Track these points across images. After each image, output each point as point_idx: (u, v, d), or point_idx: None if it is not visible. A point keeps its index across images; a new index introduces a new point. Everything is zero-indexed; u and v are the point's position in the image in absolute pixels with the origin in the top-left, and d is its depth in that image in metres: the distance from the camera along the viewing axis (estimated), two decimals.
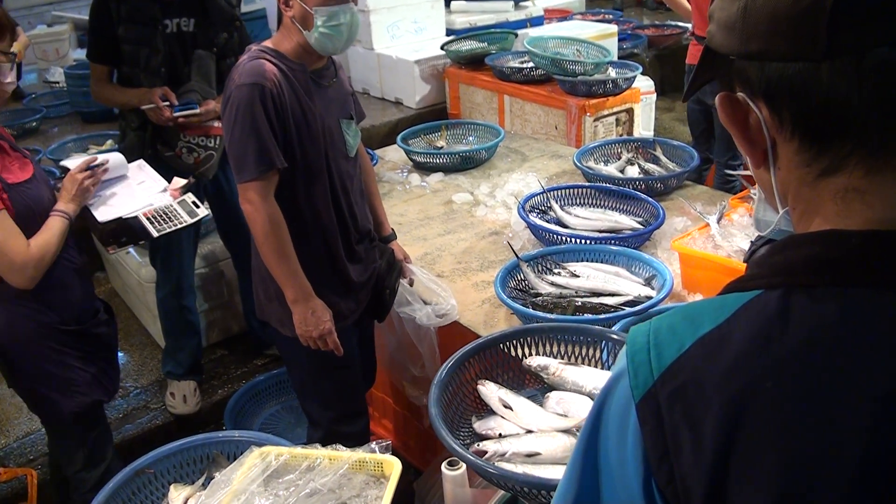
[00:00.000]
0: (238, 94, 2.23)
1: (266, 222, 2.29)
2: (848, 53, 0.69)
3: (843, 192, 0.73)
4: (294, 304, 2.38)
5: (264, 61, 2.26)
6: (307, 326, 2.39)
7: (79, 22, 7.21)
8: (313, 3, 2.27)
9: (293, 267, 2.36)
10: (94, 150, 5.03)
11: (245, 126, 2.22)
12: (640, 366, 0.75)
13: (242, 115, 2.22)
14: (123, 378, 3.76)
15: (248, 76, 2.23)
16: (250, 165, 2.24)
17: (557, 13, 7.14)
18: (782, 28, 0.71)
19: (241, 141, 2.23)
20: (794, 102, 0.73)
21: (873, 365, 0.67)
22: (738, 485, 0.68)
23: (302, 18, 2.29)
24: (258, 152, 2.23)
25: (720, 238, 2.56)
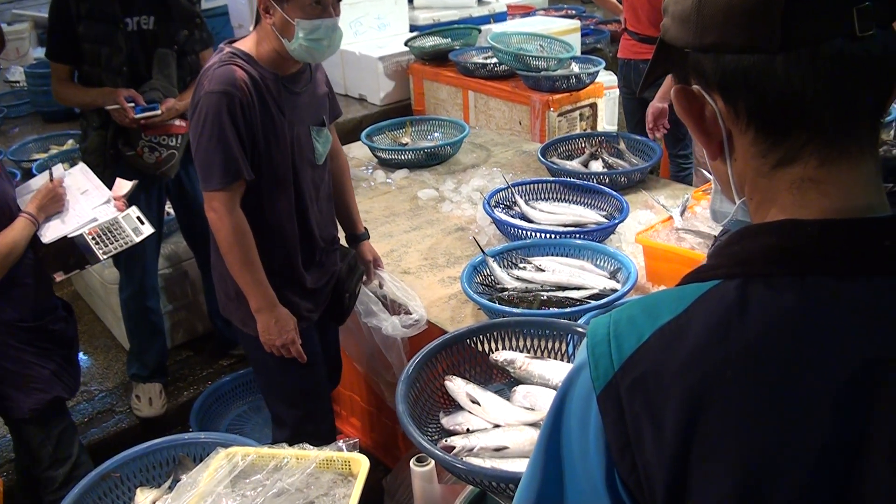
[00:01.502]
0: (207, 102, 2.17)
1: (231, 233, 2.25)
2: (802, 45, 0.70)
3: (798, 182, 0.74)
4: (258, 313, 2.36)
5: (235, 68, 2.20)
6: (270, 335, 2.38)
7: (39, 20, 7.08)
8: (296, 15, 2.20)
9: (258, 276, 2.32)
10: (55, 150, 4.97)
11: (213, 135, 2.17)
12: (600, 357, 0.76)
13: (210, 124, 2.17)
14: (88, 381, 3.72)
15: (218, 83, 2.17)
16: (217, 175, 2.20)
17: (520, 9, 7.16)
18: (737, 20, 0.72)
19: (209, 150, 2.19)
20: (749, 94, 0.74)
21: (832, 353, 0.68)
22: (699, 473, 0.69)
23: (282, 27, 2.23)
24: (225, 162, 2.19)
25: (683, 230, 2.58)
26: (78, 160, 2.97)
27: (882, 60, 0.71)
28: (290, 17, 2.20)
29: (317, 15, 2.23)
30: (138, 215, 2.66)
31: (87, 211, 2.59)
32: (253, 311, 2.36)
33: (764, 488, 0.67)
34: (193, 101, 2.24)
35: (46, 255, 2.47)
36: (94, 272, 3.86)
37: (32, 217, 2.38)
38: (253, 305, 2.35)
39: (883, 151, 1.48)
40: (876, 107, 0.74)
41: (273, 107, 2.28)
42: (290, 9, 2.20)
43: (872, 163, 0.75)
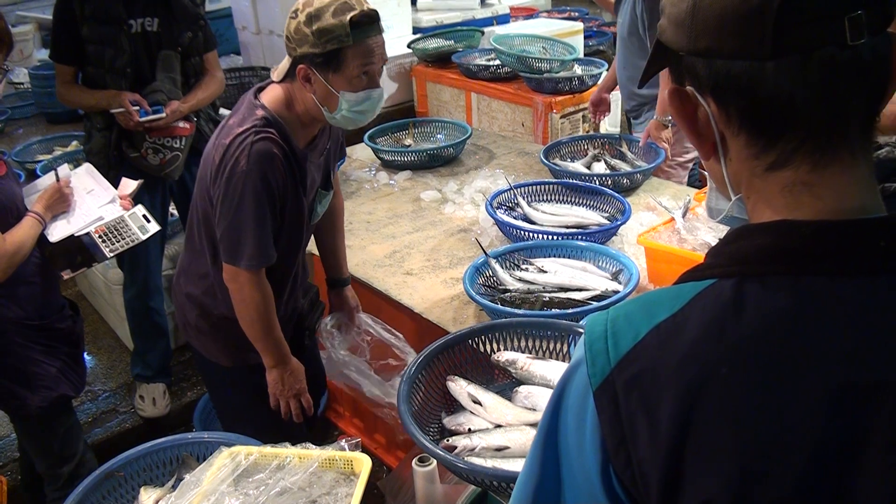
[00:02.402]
0: (244, 182, 2.07)
1: (255, 308, 2.23)
2: (793, 53, 0.71)
3: (791, 185, 0.75)
4: (272, 369, 2.35)
5: (272, 146, 2.09)
6: (283, 386, 2.37)
7: (43, 22, 7.10)
8: (340, 87, 2.08)
9: (276, 336, 2.31)
10: (59, 151, 4.98)
11: (249, 217, 2.10)
12: (597, 354, 0.77)
13: (248, 206, 2.09)
14: (92, 381, 3.73)
15: (257, 164, 2.06)
16: (247, 257, 2.15)
17: (523, 11, 7.16)
18: (730, 27, 0.73)
19: (242, 230, 2.12)
20: (740, 99, 0.75)
21: (827, 352, 0.69)
22: (693, 469, 0.70)
23: (324, 98, 2.11)
24: (258, 247, 2.14)
25: (685, 232, 2.59)
26: (82, 161, 2.98)
27: (872, 66, 0.72)
28: (334, 89, 2.09)
29: (363, 86, 2.11)
30: (144, 213, 2.67)
31: (93, 210, 2.61)
32: (267, 367, 2.35)
33: (757, 485, 0.68)
34: (227, 172, 2.09)
35: (53, 253, 2.49)
36: (98, 273, 3.88)
37: (39, 216, 2.41)
38: (268, 362, 2.34)
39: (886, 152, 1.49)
40: (867, 111, 0.75)
41: (299, 185, 2.22)
42: (335, 80, 2.08)
43: (865, 165, 0.75)
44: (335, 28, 2.01)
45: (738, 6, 0.73)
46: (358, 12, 2.03)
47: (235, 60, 6.87)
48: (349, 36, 2.02)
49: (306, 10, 2.03)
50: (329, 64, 2.06)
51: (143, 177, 2.92)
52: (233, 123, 2.15)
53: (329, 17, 2.01)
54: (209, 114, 3.42)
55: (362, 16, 2.03)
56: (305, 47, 2.05)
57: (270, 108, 2.15)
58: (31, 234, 2.37)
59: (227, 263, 2.19)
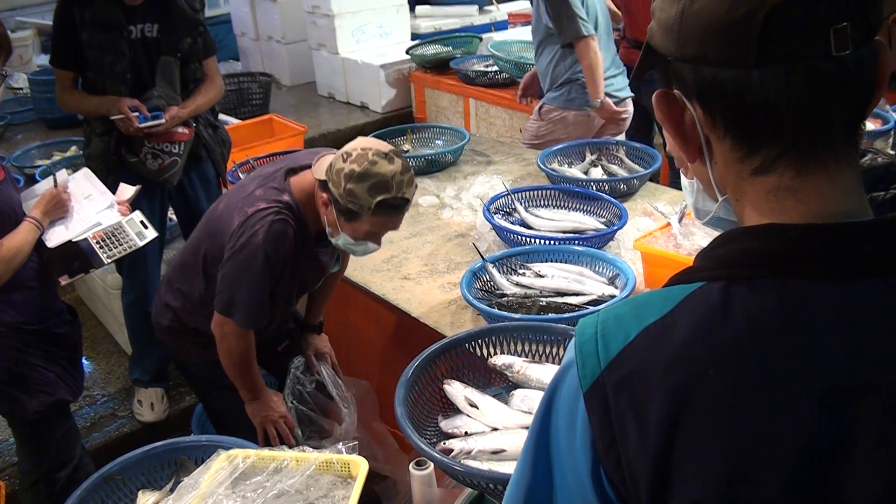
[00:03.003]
0: (256, 254, 2.24)
1: (239, 355, 2.42)
2: (778, 62, 0.72)
3: (775, 190, 0.77)
4: (249, 403, 2.54)
5: (288, 226, 2.27)
6: (264, 414, 2.54)
7: (42, 27, 7.13)
8: (345, 230, 2.28)
9: (254, 378, 2.50)
10: (58, 156, 4.99)
11: (250, 284, 2.29)
12: (587, 356, 0.77)
13: (253, 275, 2.27)
14: (90, 386, 3.73)
15: (271, 242, 2.24)
16: (239, 316, 2.33)
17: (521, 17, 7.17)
18: (716, 36, 0.74)
19: (240, 290, 2.30)
20: (725, 105, 0.76)
21: (814, 354, 0.69)
22: (682, 470, 0.71)
23: (332, 224, 2.29)
24: (252, 309, 2.33)
25: (681, 237, 2.60)
26: (81, 166, 2.99)
27: (857, 75, 0.73)
28: (340, 227, 2.28)
29: (365, 240, 2.32)
30: (142, 219, 2.68)
31: (90, 215, 2.61)
32: (245, 401, 2.54)
33: (746, 486, 0.69)
34: (240, 238, 2.26)
35: (51, 259, 2.49)
36: (97, 278, 3.88)
37: (37, 222, 2.41)
38: (244, 396, 2.54)
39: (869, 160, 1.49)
40: (851, 118, 0.76)
41: (303, 264, 2.42)
42: (343, 224, 2.27)
43: (850, 172, 0.76)
44: (362, 199, 2.17)
45: (724, 16, 0.74)
46: (389, 197, 2.18)
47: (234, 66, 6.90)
48: (370, 210, 2.19)
49: (353, 166, 2.17)
50: (344, 213, 2.24)
51: (141, 182, 2.93)
52: (259, 195, 2.31)
53: (363, 188, 2.16)
54: (208, 119, 3.43)
55: (391, 203, 2.20)
56: (334, 188, 2.20)
57: (295, 195, 2.33)
58: (28, 240, 2.37)
59: (218, 313, 2.36)
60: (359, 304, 2.99)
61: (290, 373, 2.76)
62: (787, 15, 0.71)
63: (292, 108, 6.35)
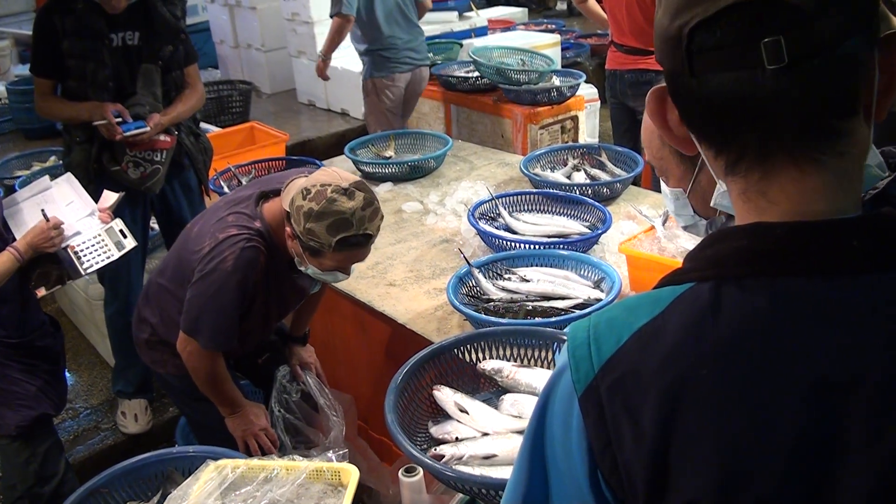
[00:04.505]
0: (226, 279, 2.24)
1: (207, 376, 2.42)
2: (712, 73, 0.73)
3: (746, 191, 0.77)
4: (229, 417, 2.53)
5: (258, 253, 2.27)
6: (245, 428, 2.53)
7: (20, 37, 7.08)
8: (310, 262, 2.26)
9: (230, 395, 2.50)
10: (37, 167, 4.95)
11: (220, 311, 2.29)
12: (581, 360, 0.78)
13: (220, 299, 2.26)
14: (73, 399, 3.70)
15: (242, 270, 2.24)
16: (210, 339, 2.33)
17: (501, 24, 7.22)
18: (662, 46, 0.78)
19: (206, 314, 2.30)
20: (685, 109, 0.79)
21: (803, 350, 0.70)
22: (678, 469, 0.71)
23: (299, 256, 2.28)
24: (221, 336, 2.33)
25: (665, 240, 2.61)
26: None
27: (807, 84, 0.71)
28: (307, 260, 2.26)
29: (325, 271, 2.30)
30: (121, 228, 2.65)
31: (71, 224, 2.58)
32: (224, 416, 2.53)
33: (740, 484, 0.69)
34: (211, 259, 2.25)
35: (28, 270, 2.46)
36: (79, 289, 3.85)
37: (19, 254, 2.35)
38: (224, 412, 2.52)
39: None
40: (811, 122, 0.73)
41: (278, 288, 2.43)
42: (308, 258, 2.25)
43: (827, 173, 0.74)
44: (322, 238, 2.15)
45: (664, 29, 0.77)
46: (350, 235, 2.15)
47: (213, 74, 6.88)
48: (331, 248, 2.17)
49: (311, 204, 2.13)
50: (307, 249, 2.23)
51: (123, 190, 2.91)
52: (231, 221, 2.30)
53: (322, 227, 2.13)
54: (190, 127, 3.41)
55: (352, 241, 2.18)
56: (295, 225, 2.18)
57: (267, 221, 2.32)
58: (4, 270, 2.32)
59: (183, 331, 2.35)
60: (344, 311, 2.98)
61: (277, 381, 2.75)
62: (712, 29, 0.72)
63: (272, 115, 6.33)
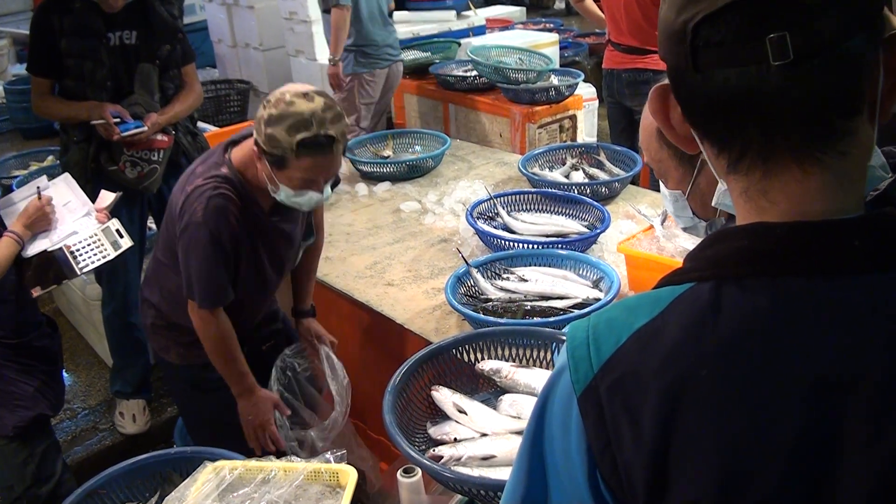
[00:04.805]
0: (199, 233, 2.22)
1: (215, 340, 2.38)
2: (716, 69, 0.72)
3: (746, 189, 0.77)
4: (239, 397, 2.48)
5: (227, 201, 2.23)
6: (249, 416, 2.49)
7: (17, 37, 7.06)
8: (281, 180, 2.20)
9: (240, 368, 2.45)
10: (34, 166, 4.94)
11: (202, 265, 2.26)
12: (580, 360, 0.77)
13: (202, 255, 2.24)
14: (71, 399, 3.69)
15: (213, 218, 2.21)
16: (204, 298, 2.31)
17: (499, 23, 7.21)
18: (666, 42, 0.77)
19: (199, 274, 2.28)
20: (688, 107, 0.78)
21: (803, 350, 0.69)
22: (678, 470, 0.71)
23: (269, 179, 2.22)
24: (213, 290, 2.31)
25: (664, 239, 2.61)
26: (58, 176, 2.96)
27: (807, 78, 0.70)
28: (277, 179, 2.21)
29: (304, 188, 2.23)
30: (118, 228, 2.65)
31: (68, 224, 2.58)
32: (235, 395, 2.48)
33: (741, 485, 0.69)
34: (183, 217, 2.24)
35: (24, 269, 2.46)
36: (76, 288, 3.84)
37: (17, 236, 2.37)
38: (235, 391, 2.48)
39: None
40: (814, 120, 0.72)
41: (258, 239, 2.37)
42: (277, 174, 2.20)
43: (830, 174, 0.73)
44: (283, 141, 2.11)
45: (669, 24, 0.76)
46: (310, 136, 2.10)
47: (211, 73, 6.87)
48: (293, 151, 2.12)
49: (270, 110, 2.12)
50: (274, 163, 2.17)
51: (121, 190, 2.90)
52: (199, 172, 2.29)
53: (282, 130, 2.10)
54: (187, 126, 3.41)
55: (313, 142, 2.11)
56: (258, 137, 2.16)
57: (236, 166, 2.29)
58: (6, 255, 2.33)
59: (189, 300, 2.36)
60: (342, 311, 2.97)
61: (281, 358, 2.70)
62: (717, 24, 0.71)
63: None
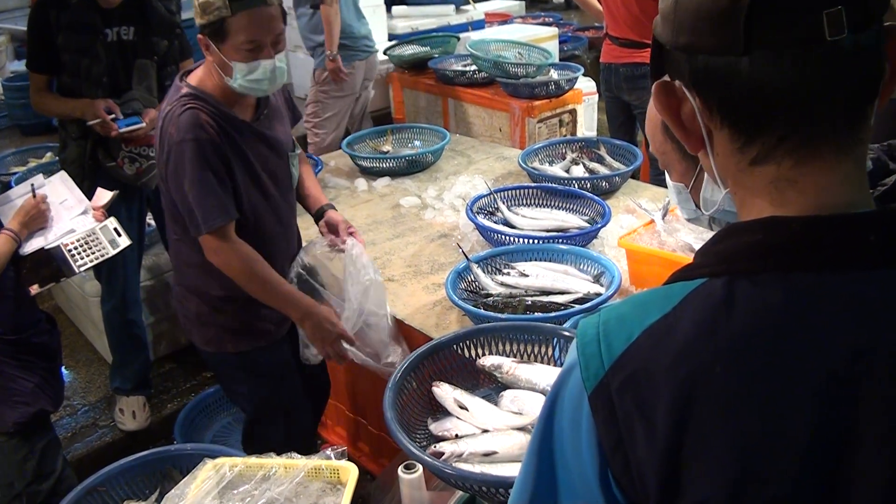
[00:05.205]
0: (179, 151, 2.14)
1: (241, 265, 2.26)
2: (767, 49, 0.71)
3: (775, 181, 0.75)
4: (302, 322, 2.38)
5: (198, 111, 2.17)
6: (322, 335, 2.38)
7: (16, 33, 7.03)
8: (231, 57, 2.15)
9: (285, 290, 2.35)
10: (33, 163, 4.92)
11: (194, 182, 2.16)
12: (590, 358, 0.76)
13: (191, 172, 2.15)
14: (71, 396, 3.69)
15: (188, 130, 2.14)
16: (205, 218, 2.18)
17: (498, 17, 7.19)
18: (705, 23, 0.74)
19: (194, 193, 2.17)
20: (720, 94, 0.75)
21: (817, 345, 0.69)
22: (691, 468, 0.70)
23: (221, 66, 2.18)
24: (214, 206, 2.19)
25: (665, 234, 2.60)
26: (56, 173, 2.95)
27: (855, 60, 0.71)
28: (226, 59, 2.16)
29: (253, 58, 2.17)
30: (115, 226, 2.64)
31: (65, 222, 2.57)
32: (297, 322, 2.40)
33: (755, 483, 0.68)
34: (164, 151, 2.19)
35: (22, 267, 2.45)
36: (75, 285, 3.83)
37: (14, 234, 2.37)
38: (295, 316, 2.38)
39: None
40: (852, 106, 0.74)
41: (243, 147, 2.27)
42: (224, 50, 2.15)
43: (852, 161, 0.75)
44: (216, 2, 2.08)
45: (711, 4, 0.73)
46: None
47: None
48: (227, 7, 2.08)
49: None
50: (216, 34, 2.14)
51: (119, 186, 2.90)
52: (163, 108, 2.25)
53: None
54: None
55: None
56: (198, 18, 2.13)
57: (195, 84, 2.25)
58: (3, 252, 2.33)
59: (200, 238, 2.23)
60: None
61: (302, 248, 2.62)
62: (770, 2, 0.70)
63: None
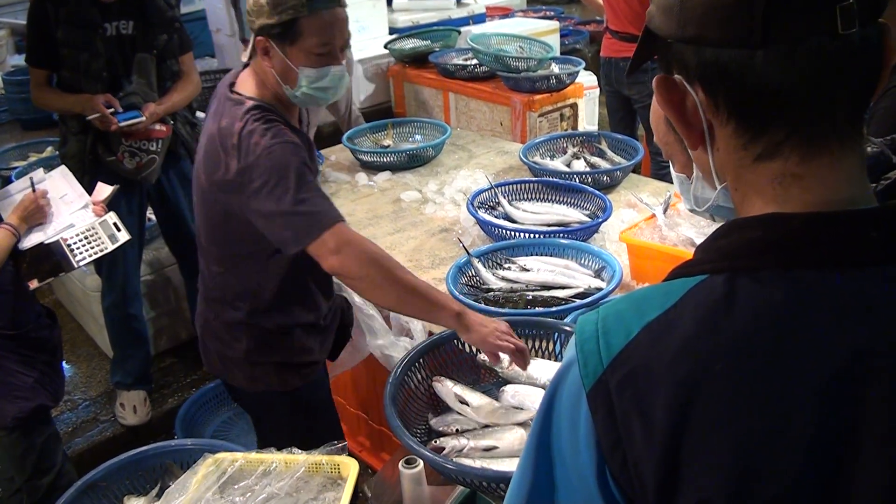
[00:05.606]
0: (270, 157, 1.90)
1: (373, 258, 1.95)
2: (782, 42, 0.70)
3: (780, 177, 0.75)
4: (461, 327, 1.95)
5: (281, 127, 1.96)
6: (484, 336, 1.94)
7: (16, 27, 7.01)
8: (299, 62, 1.98)
9: (424, 287, 1.99)
10: (34, 157, 4.92)
11: (303, 186, 1.92)
12: (589, 354, 0.75)
13: (297, 181, 1.91)
14: (71, 390, 3.69)
15: (273, 136, 1.92)
16: (324, 220, 1.93)
17: (499, 10, 7.17)
18: (717, 15, 0.72)
19: (311, 201, 1.92)
20: (728, 88, 0.74)
21: (819, 344, 0.68)
22: (690, 468, 0.69)
23: (284, 73, 2.00)
24: (330, 207, 1.98)
25: (666, 228, 2.59)
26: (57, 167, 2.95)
27: (862, 55, 0.71)
28: (292, 64, 1.99)
29: (323, 63, 2.01)
30: (115, 221, 2.64)
31: (65, 216, 2.57)
32: (457, 329, 1.97)
33: (755, 482, 0.67)
34: (246, 162, 1.91)
35: (21, 261, 2.45)
36: (76, 280, 3.83)
37: (13, 228, 2.37)
38: (449, 323, 1.97)
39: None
40: (856, 101, 0.74)
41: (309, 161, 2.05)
42: (292, 54, 1.98)
43: (855, 157, 0.75)
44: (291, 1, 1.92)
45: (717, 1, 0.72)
46: None
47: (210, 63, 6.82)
48: (304, 6, 1.92)
49: None
50: (285, 35, 1.96)
51: (119, 181, 2.90)
52: (225, 125, 1.98)
53: None
54: (186, 116, 3.40)
55: None
56: (262, 18, 1.95)
57: (251, 95, 2.04)
58: (2, 247, 2.33)
59: (314, 245, 1.92)
60: None
61: None
62: None
63: None
